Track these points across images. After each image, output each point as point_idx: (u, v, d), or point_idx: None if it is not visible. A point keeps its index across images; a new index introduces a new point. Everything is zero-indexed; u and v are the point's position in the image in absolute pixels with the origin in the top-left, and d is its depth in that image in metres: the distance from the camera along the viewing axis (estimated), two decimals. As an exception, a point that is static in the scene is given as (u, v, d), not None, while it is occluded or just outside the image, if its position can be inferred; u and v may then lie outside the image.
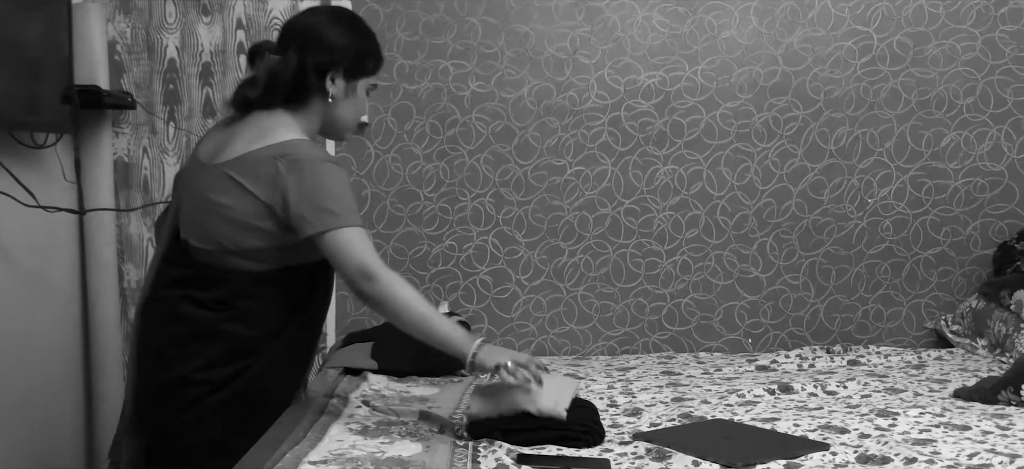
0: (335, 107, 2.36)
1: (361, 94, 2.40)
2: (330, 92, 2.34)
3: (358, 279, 2.23)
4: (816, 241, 3.69)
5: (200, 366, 2.27)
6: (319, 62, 2.32)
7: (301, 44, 2.33)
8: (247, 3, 3.57)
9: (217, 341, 2.28)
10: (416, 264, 3.65)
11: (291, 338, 2.37)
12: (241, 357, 2.29)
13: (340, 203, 2.24)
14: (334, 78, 2.33)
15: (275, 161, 2.24)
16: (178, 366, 2.28)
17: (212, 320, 2.29)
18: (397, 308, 2.27)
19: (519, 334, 3.67)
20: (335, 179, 2.26)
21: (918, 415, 2.52)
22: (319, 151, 2.32)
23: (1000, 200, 3.68)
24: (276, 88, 2.32)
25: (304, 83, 2.32)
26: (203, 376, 2.28)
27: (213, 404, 2.28)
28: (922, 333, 3.71)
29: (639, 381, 3.07)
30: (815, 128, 3.65)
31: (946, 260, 3.70)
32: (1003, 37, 3.64)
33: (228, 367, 2.28)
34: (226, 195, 2.28)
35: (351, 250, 2.22)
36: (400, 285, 2.28)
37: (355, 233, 2.24)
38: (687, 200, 3.66)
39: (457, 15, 3.61)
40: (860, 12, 3.63)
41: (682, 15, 3.62)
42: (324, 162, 2.27)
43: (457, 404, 2.70)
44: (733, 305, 3.70)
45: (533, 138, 3.64)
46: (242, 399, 2.29)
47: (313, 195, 2.22)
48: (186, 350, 2.29)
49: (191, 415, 2.29)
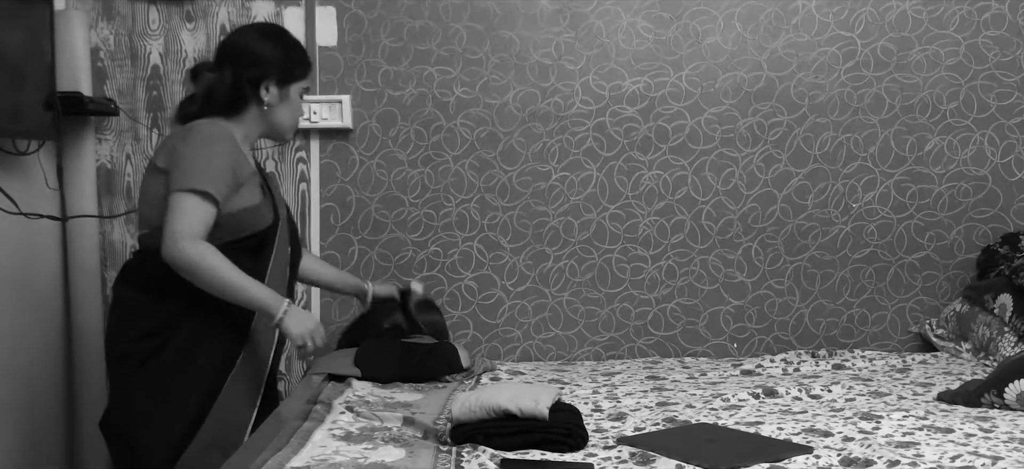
0: (273, 113, 2.66)
1: (294, 98, 2.70)
2: (265, 100, 2.63)
3: (168, 242, 2.42)
4: (801, 246, 3.69)
5: (132, 339, 2.52)
6: (252, 75, 2.62)
7: (235, 61, 2.63)
8: (230, 9, 3.57)
9: (143, 317, 2.52)
10: (401, 270, 3.64)
11: (216, 313, 2.54)
12: (165, 329, 2.51)
13: (205, 172, 2.46)
14: (268, 87, 2.63)
15: (175, 135, 2.56)
16: (116, 344, 2.55)
17: (138, 297, 2.54)
18: (202, 274, 2.44)
19: (504, 340, 3.67)
20: (211, 149, 2.51)
21: (902, 418, 2.52)
22: (216, 128, 2.57)
23: (984, 204, 3.69)
24: (215, 102, 2.62)
25: (241, 95, 2.62)
26: (134, 348, 2.51)
27: (140, 377, 2.50)
28: (907, 337, 3.72)
29: (624, 386, 3.06)
30: (799, 133, 3.66)
31: (930, 264, 3.71)
32: (986, 42, 3.66)
33: (152, 340, 2.51)
34: (148, 179, 2.58)
35: (175, 215, 2.43)
36: (209, 253, 2.45)
37: (192, 200, 2.44)
38: (672, 205, 3.67)
39: (442, 21, 3.61)
40: (844, 18, 3.64)
41: (667, 21, 3.63)
42: (215, 137, 2.54)
43: (440, 410, 2.70)
44: (718, 310, 3.70)
45: (518, 144, 3.64)
46: (172, 368, 2.50)
47: (182, 157, 2.48)
48: (122, 327, 2.55)
49: (130, 387, 2.52)
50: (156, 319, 2.51)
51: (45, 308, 3.34)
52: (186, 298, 2.50)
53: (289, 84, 2.67)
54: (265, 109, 2.64)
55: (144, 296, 2.53)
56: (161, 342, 2.51)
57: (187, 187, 2.45)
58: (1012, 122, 3.67)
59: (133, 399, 2.51)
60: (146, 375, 2.50)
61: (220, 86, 2.62)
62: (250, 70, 2.62)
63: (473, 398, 2.39)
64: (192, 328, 2.52)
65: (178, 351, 2.51)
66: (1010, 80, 3.67)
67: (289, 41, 2.72)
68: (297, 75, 2.69)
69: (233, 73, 2.62)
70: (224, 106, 2.62)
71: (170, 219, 2.44)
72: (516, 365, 3.48)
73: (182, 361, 2.51)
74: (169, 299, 2.51)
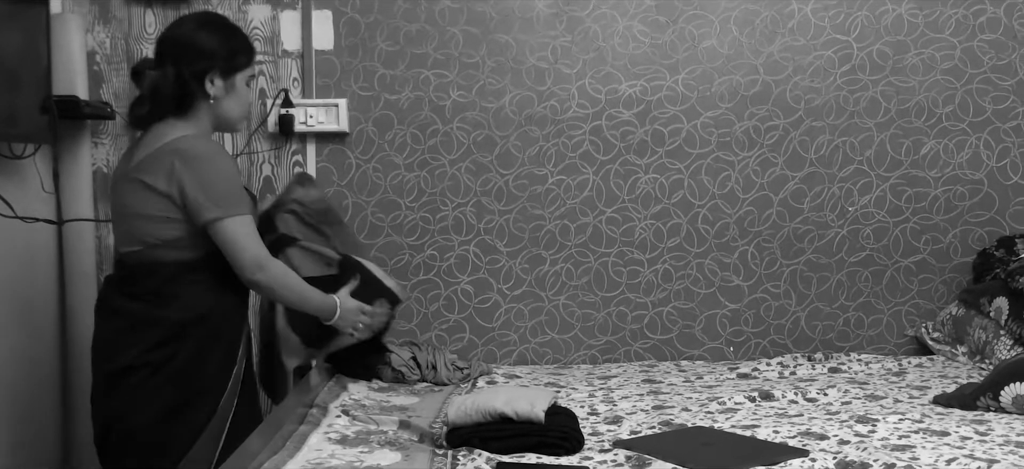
0: (219, 105, 2.60)
1: (241, 87, 2.63)
2: (211, 93, 2.57)
3: (253, 270, 2.51)
4: (797, 249, 3.70)
5: (139, 352, 2.49)
6: (195, 69, 2.55)
7: (176, 56, 2.56)
8: (227, 13, 3.56)
9: (152, 328, 2.50)
10: (397, 274, 3.63)
11: (220, 317, 2.58)
12: (175, 340, 2.50)
13: (230, 193, 2.49)
14: (212, 80, 2.57)
15: (171, 157, 2.49)
16: (120, 356, 2.51)
17: (145, 309, 2.52)
18: (285, 291, 2.61)
19: (501, 343, 3.67)
20: (224, 170, 2.52)
21: (898, 421, 2.53)
22: (209, 144, 2.57)
23: (980, 208, 3.70)
24: (161, 101, 2.56)
25: (186, 90, 2.55)
26: (142, 360, 2.49)
27: (153, 385, 2.49)
28: (903, 340, 3.72)
29: (620, 389, 3.06)
30: (795, 137, 3.67)
31: (926, 268, 3.71)
32: (982, 46, 3.66)
33: (164, 350, 2.50)
34: (137, 196, 2.52)
35: (244, 242, 2.50)
36: (284, 270, 2.61)
37: (244, 223, 2.51)
38: (668, 209, 3.67)
39: (438, 25, 3.61)
40: (840, 22, 3.65)
41: (663, 25, 3.63)
42: (214, 154, 2.53)
43: (436, 413, 2.70)
44: (715, 313, 3.70)
45: (514, 147, 3.64)
46: (180, 377, 2.50)
47: (206, 186, 2.47)
48: (126, 340, 2.51)
49: (136, 398, 2.50)
50: (165, 329, 2.50)
51: (41, 311, 3.34)
52: (192, 307, 2.52)
53: (234, 74, 2.60)
54: (211, 103, 2.58)
55: (148, 307, 2.52)
56: (173, 351, 2.50)
57: (229, 214, 2.49)
58: (1008, 126, 3.68)
59: (146, 408, 2.49)
60: (159, 384, 2.49)
61: (164, 84, 2.55)
62: (192, 64, 2.55)
63: (469, 401, 2.39)
64: (200, 335, 2.53)
65: (190, 358, 2.51)
66: (1006, 84, 3.67)
67: (230, 29, 2.65)
68: (241, 64, 2.62)
69: (175, 69, 2.54)
70: (172, 105, 2.55)
71: (238, 249, 2.49)
72: (512, 368, 3.48)
73: (195, 367, 2.52)
74: (174, 309, 2.51)
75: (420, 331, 3.64)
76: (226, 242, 2.50)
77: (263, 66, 3.58)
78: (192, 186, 2.47)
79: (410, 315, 3.64)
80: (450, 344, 3.64)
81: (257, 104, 3.59)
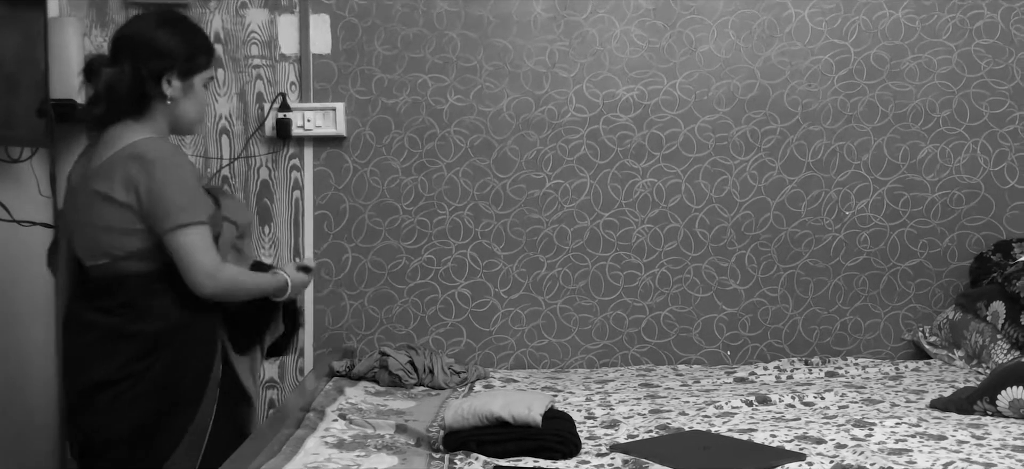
0: (176, 107, 2.49)
1: (198, 89, 2.53)
2: (168, 94, 2.46)
3: (203, 281, 2.40)
4: (794, 253, 3.70)
5: (115, 367, 2.42)
6: (153, 68, 2.44)
7: (133, 54, 2.45)
8: (224, 17, 3.57)
9: (126, 342, 2.42)
10: (394, 278, 3.64)
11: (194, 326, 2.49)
12: (150, 352, 2.43)
13: (185, 203, 2.39)
14: (170, 80, 2.46)
15: (127, 162, 2.39)
16: (96, 371, 2.43)
17: (119, 324, 2.43)
18: (239, 291, 2.52)
19: (498, 347, 3.67)
20: (181, 176, 2.41)
21: (894, 425, 2.53)
22: (167, 147, 2.47)
23: (976, 212, 3.70)
24: (117, 101, 2.44)
25: (142, 91, 2.44)
26: (120, 374, 2.41)
27: (130, 399, 2.42)
28: (900, 345, 3.72)
29: (617, 393, 3.06)
30: (793, 141, 3.67)
31: (923, 272, 3.72)
32: (979, 51, 3.67)
33: (140, 363, 2.42)
34: (97, 209, 2.42)
35: (194, 254, 2.39)
36: (235, 273, 2.51)
37: (196, 233, 2.40)
38: (666, 213, 3.67)
39: (436, 29, 3.61)
40: (837, 26, 3.65)
41: (660, 29, 3.63)
42: (172, 159, 2.43)
43: (433, 417, 2.70)
44: (712, 317, 3.70)
45: (512, 151, 3.64)
46: (157, 389, 2.43)
47: (161, 193, 2.37)
48: (101, 355, 2.43)
49: (113, 412, 2.43)
50: (141, 342, 2.42)
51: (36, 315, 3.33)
52: (165, 317, 2.44)
53: (192, 76, 2.49)
54: (168, 104, 2.47)
55: (121, 321, 2.43)
56: (149, 363, 2.43)
57: (183, 223, 2.38)
58: (1005, 130, 3.68)
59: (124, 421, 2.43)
60: (135, 397, 2.42)
61: (120, 83, 2.43)
62: (150, 62, 2.44)
63: (466, 405, 2.39)
64: (176, 345, 2.45)
65: (166, 369, 2.44)
66: (1002, 88, 3.68)
67: (190, 28, 2.55)
68: (200, 65, 2.51)
69: (132, 68, 2.43)
70: (128, 105, 2.44)
71: (188, 262, 2.39)
72: (510, 373, 3.48)
73: (171, 378, 2.45)
74: (147, 321, 2.43)
75: (417, 335, 3.64)
76: (177, 255, 2.39)
77: (260, 70, 3.58)
78: (147, 194, 2.37)
79: (407, 319, 3.64)
80: (447, 348, 3.64)
81: (255, 108, 3.59)
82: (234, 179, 3.59)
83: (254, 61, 3.58)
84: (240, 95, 3.59)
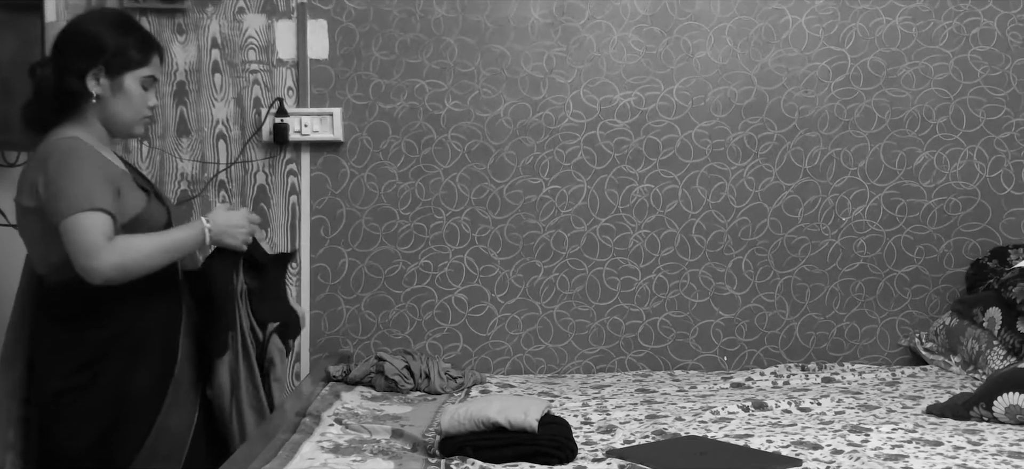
0: (106, 106, 2.39)
1: (131, 88, 2.41)
2: (94, 92, 2.36)
3: (88, 262, 2.24)
4: (791, 259, 3.70)
5: (64, 375, 2.37)
6: (77, 66, 2.35)
7: (60, 52, 2.38)
8: (222, 22, 3.57)
9: (75, 350, 2.37)
10: (391, 283, 3.64)
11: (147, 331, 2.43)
12: (99, 360, 2.37)
13: (74, 189, 2.25)
14: (97, 77, 2.37)
15: (30, 166, 2.33)
16: (47, 382, 2.39)
17: (67, 332, 2.37)
18: (141, 257, 2.31)
19: (494, 353, 3.67)
20: (74, 167, 2.28)
21: (891, 431, 2.53)
22: (65, 142, 2.33)
23: (973, 219, 3.71)
24: (44, 100, 2.37)
25: (66, 89, 2.35)
26: (67, 385, 2.36)
27: (84, 409, 2.36)
28: (896, 350, 3.73)
29: (614, 398, 3.06)
30: (789, 147, 3.67)
31: (920, 278, 3.72)
32: (975, 58, 3.68)
33: (87, 371, 2.36)
34: (22, 221, 2.38)
35: (76, 237, 2.24)
36: (125, 241, 2.30)
37: (86, 218, 2.24)
38: (662, 218, 3.67)
39: (433, 35, 3.61)
40: (834, 33, 3.66)
41: (657, 35, 3.64)
42: (67, 152, 2.30)
43: (429, 422, 2.69)
44: (709, 323, 3.70)
45: (509, 157, 3.64)
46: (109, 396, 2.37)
47: (54, 186, 2.27)
48: (50, 365, 2.39)
49: (69, 423, 2.37)
50: (86, 351, 2.38)
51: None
52: (114, 324, 2.40)
53: (122, 73, 2.39)
54: (95, 102, 2.38)
55: (68, 330, 2.38)
56: (95, 372, 2.38)
57: (72, 211, 2.26)
58: (1001, 136, 3.69)
59: (77, 433, 2.38)
60: (87, 405, 2.38)
61: (45, 83, 2.36)
62: (75, 61, 2.35)
63: (462, 410, 2.39)
64: (125, 351, 2.40)
65: (116, 376, 2.39)
66: (999, 95, 3.68)
67: (124, 25, 2.45)
68: (132, 62, 2.39)
69: (56, 66, 2.36)
70: (55, 104, 2.36)
71: (72, 249, 2.26)
72: (506, 378, 3.48)
73: (122, 385, 2.39)
74: (96, 328, 2.38)
75: (413, 340, 3.64)
76: (66, 245, 2.26)
77: (257, 75, 3.58)
78: (45, 191, 2.29)
79: (404, 324, 3.64)
80: (444, 353, 3.64)
81: (252, 113, 3.59)
82: (231, 184, 3.60)
83: (251, 66, 3.58)
84: (237, 100, 3.59)
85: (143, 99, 2.44)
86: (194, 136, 3.58)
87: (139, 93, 2.43)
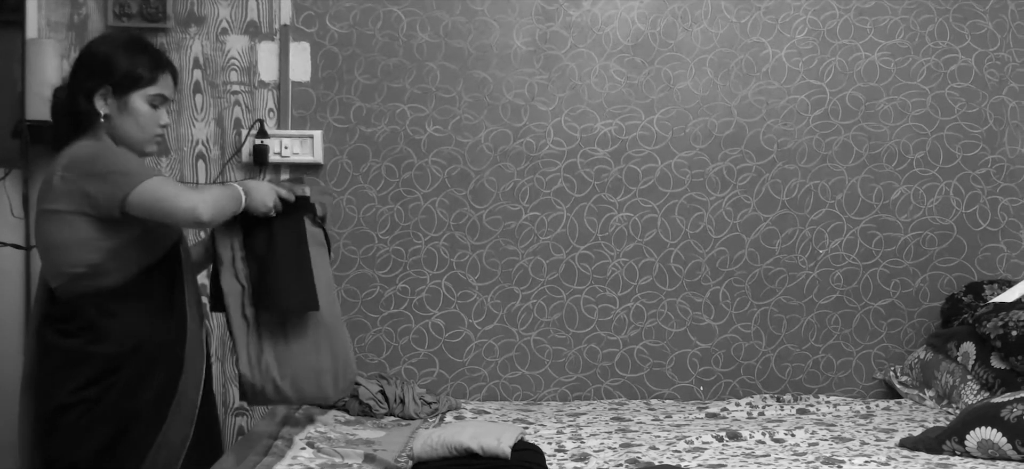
0: (115, 125, 2.47)
1: (139, 107, 2.48)
2: (102, 111, 2.44)
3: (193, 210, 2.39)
4: (768, 290, 3.71)
5: (73, 390, 2.38)
6: (86, 86, 2.44)
7: (73, 73, 2.49)
8: (205, 43, 3.57)
9: (85, 364, 2.39)
10: (368, 306, 3.63)
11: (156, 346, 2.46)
12: (109, 374, 2.40)
13: (130, 167, 2.39)
14: (105, 97, 2.44)
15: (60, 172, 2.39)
16: (54, 395, 2.40)
17: (78, 345, 2.40)
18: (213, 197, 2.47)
19: (470, 379, 3.66)
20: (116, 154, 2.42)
21: (864, 463, 2.53)
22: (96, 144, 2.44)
23: (949, 253, 3.73)
24: (60, 120, 2.48)
25: (78, 108, 2.44)
26: (76, 398, 2.38)
27: (89, 422, 2.39)
28: (871, 383, 3.74)
29: (589, 427, 3.06)
30: (768, 179, 3.69)
31: (896, 311, 3.74)
32: (952, 94, 3.71)
33: (97, 386, 2.39)
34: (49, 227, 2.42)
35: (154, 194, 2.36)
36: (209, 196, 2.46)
37: (153, 180, 2.38)
38: (641, 247, 3.68)
39: (416, 60, 3.62)
40: (813, 66, 3.69)
41: (639, 65, 3.66)
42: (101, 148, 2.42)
43: (402, 447, 2.68)
44: (685, 352, 3.71)
45: (489, 183, 3.65)
46: (114, 410, 2.40)
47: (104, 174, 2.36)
48: (58, 378, 2.41)
49: (73, 437, 2.39)
50: (98, 365, 2.39)
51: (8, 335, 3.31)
52: (126, 339, 2.42)
53: (129, 92, 2.45)
54: (103, 121, 2.45)
55: (79, 343, 2.41)
56: (107, 385, 2.40)
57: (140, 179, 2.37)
58: (977, 173, 3.72)
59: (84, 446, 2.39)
60: (94, 419, 2.39)
61: (58, 103, 2.48)
62: (84, 80, 2.45)
63: (435, 436, 2.38)
64: (134, 366, 2.42)
65: (124, 391, 2.41)
66: (976, 131, 3.72)
67: (135, 46, 2.52)
68: (141, 81, 2.46)
69: (70, 86, 2.46)
70: (68, 122, 2.46)
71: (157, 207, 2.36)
72: (481, 404, 3.47)
73: (129, 399, 2.42)
74: (106, 342, 2.41)
75: (389, 364, 3.63)
76: (151, 207, 2.37)
77: (239, 96, 3.58)
78: (92, 184, 2.36)
79: (380, 348, 3.63)
80: (419, 378, 3.63)
81: (232, 134, 3.59)
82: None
83: (232, 87, 3.58)
84: (218, 120, 3.59)
85: (152, 117, 2.50)
86: (173, 156, 3.57)
87: (147, 112, 2.49)
